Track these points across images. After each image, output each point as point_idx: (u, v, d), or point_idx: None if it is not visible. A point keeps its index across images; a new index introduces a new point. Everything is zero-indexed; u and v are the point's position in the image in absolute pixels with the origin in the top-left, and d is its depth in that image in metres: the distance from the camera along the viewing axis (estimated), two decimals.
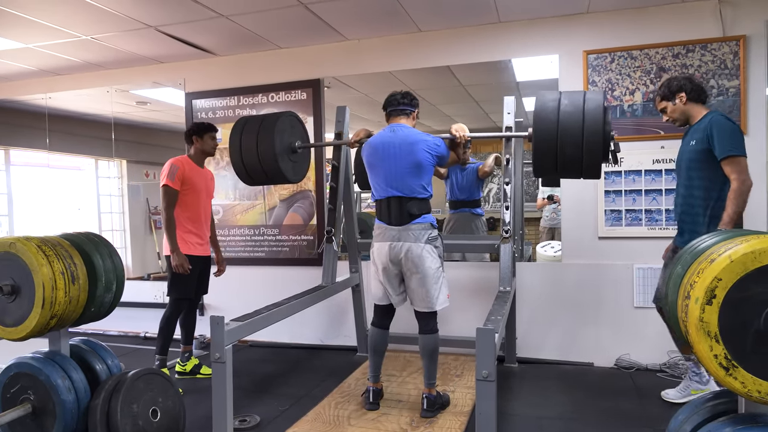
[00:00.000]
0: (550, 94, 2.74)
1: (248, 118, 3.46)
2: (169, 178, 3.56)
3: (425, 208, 2.93)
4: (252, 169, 3.40)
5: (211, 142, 3.76)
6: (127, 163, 5.89)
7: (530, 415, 3.10)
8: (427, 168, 2.92)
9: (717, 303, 1.45)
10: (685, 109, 2.91)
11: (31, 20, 3.82)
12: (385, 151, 2.93)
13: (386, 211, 2.94)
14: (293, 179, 3.52)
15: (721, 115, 2.81)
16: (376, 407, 3.09)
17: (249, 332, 2.72)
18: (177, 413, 2.63)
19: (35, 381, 2.34)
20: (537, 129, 2.69)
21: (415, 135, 2.93)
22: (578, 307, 3.93)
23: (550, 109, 2.67)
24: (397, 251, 2.90)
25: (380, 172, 2.94)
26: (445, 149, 2.99)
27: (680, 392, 3.19)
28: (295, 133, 3.54)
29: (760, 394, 1.44)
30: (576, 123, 2.61)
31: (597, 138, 2.61)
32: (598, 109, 2.62)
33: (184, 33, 4.20)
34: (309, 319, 4.36)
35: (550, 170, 2.74)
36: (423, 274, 2.88)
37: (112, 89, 5.24)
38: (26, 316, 2.27)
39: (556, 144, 2.65)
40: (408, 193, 2.89)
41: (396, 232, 2.90)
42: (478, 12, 3.86)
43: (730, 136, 2.68)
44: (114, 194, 5.93)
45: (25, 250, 2.25)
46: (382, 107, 3.08)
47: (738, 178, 2.65)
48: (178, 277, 3.61)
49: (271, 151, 3.29)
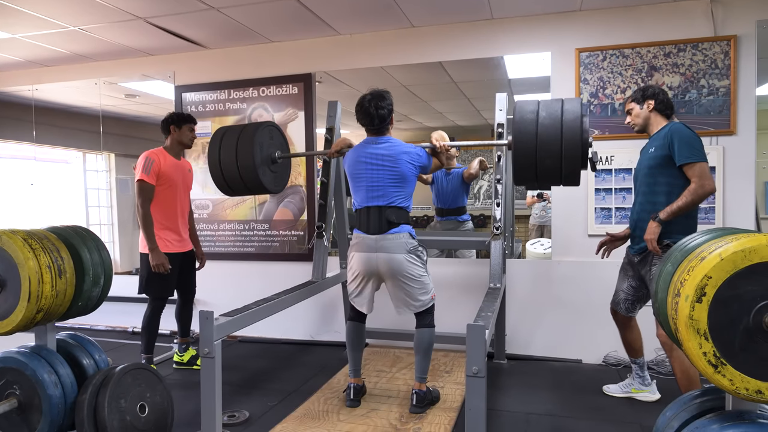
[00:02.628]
0: (528, 105, 2.76)
1: (226, 130, 3.35)
2: (144, 173, 3.44)
3: (403, 217, 2.91)
4: (232, 181, 3.30)
5: (189, 133, 3.68)
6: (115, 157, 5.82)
7: (519, 411, 3.12)
8: (410, 179, 2.93)
9: (707, 301, 1.46)
10: (649, 116, 2.95)
11: (18, 10, 3.76)
12: (367, 161, 2.92)
13: (365, 220, 2.93)
14: (274, 190, 3.45)
15: (681, 124, 2.85)
16: (357, 404, 3.09)
17: (238, 327, 2.71)
18: (165, 408, 2.61)
19: (21, 376, 2.31)
20: (516, 141, 2.71)
21: (398, 146, 2.93)
22: (567, 304, 3.95)
23: (529, 121, 2.69)
24: (374, 263, 2.90)
25: (362, 183, 2.94)
26: (426, 158, 3.00)
27: (621, 388, 3.30)
28: (275, 143, 3.45)
29: (748, 391, 1.45)
30: (554, 133, 2.63)
31: (575, 147, 2.63)
32: (576, 118, 2.64)
33: (174, 25, 4.15)
34: (299, 314, 4.35)
35: (529, 180, 2.78)
36: (407, 280, 2.89)
37: (100, 81, 5.18)
38: (12, 310, 2.24)
39: (535, 155, 2.67)
40: (388, 202, 2.89)
41: (373, 242, 2.89)
42: (470, 8, 3.86)
43: (689, 143, 2.72)
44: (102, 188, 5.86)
45: (11, 244, 2.22)
46: (356, 117, 2.99)
47: (698, 181, 2.68)
48: (155, 275, 3.50)
49: (250, 163, 3.20)
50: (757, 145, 3.64)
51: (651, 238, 2.73)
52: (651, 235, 2.73)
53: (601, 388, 3.38)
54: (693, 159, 2.69)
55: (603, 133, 3.89)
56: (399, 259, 2.86)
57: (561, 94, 3.97)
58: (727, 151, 3.67)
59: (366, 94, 2.94)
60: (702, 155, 2.71)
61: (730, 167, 3.67)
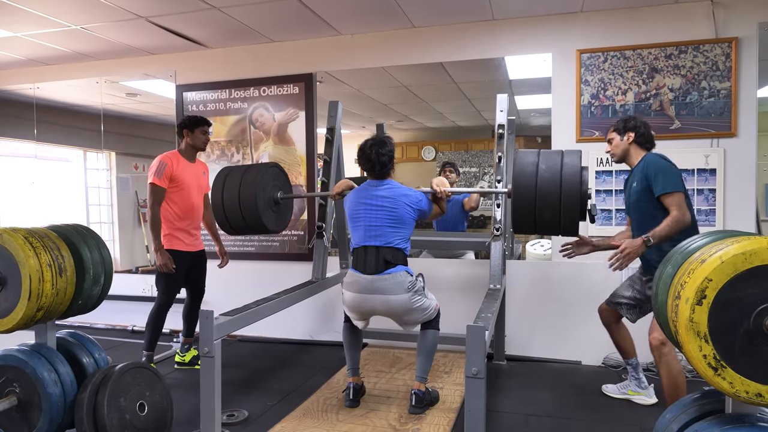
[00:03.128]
0: (528, 156, 2.82)
1: (230, 170, 3.40)
2: (157, 176, 3.52)
3: (400, 258, 2.92)
4: (234, 221, 3.34)
5: (202, 136, 3.72)
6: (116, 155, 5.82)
7: (518, 412, 3.12)
8: (407, 222, 2.95)
9: (707, 303, 1.46)
10: (628, 149, 2.98)
11: (19, 8, 3.76)
12: (367, 202, 2.95)
13: (362, 259, 2.93)
14: (276, 230, 3.48)
15: (657, 155, 2.89)
16: (356, 404, 3.10)
17: (238, 327, 2.71)
18: (164, 407, 2.61)
19: (21, 374, 2.31)
20: (516, 192, 2.77)
21: (398, 190, 2.96)
22: (567, 305, 3.95)
23: (528, 173, 2.75)
24: (370, 305, 2.92)
25: (360, 223, 2.96)
26: (426, 204, 3.03)
27: (619, 389, 3.32)
28: (278, 184, 3.49)
29: (748, 394, 1.45)
30: (554, 186, 2.69)
31: (575, 200, 2.68)
32: (576, 171, 2.69)
33: (175, 24, 4.15)
34: (299, 314, 4.35)
35: (529, 229, 2.84)
36: (409, 314, 2.93)
37: (101, 80, 5.18)
38: (12, 308, 2.24)
39: (534, 206, 2.72)
40: (385, 243, 2.90)
41: (369, 283, 2.88)
42: (472, 9, 3.86)
43: (666, 173, 2.76)
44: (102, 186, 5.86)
45: (12, 242, 2.22)
46: (357, 161, 3.03)
47: (677, 209, 2.72)
48: (165, 274, 3.59)
49: (253, 205, 3.24)
50: (758, 148, 3.64)
51: (630, 253, 2.72)
52: (631, 250, 2.72)
53: (600, 390, 3.38)
54: (669, 189, 2.74)
55: (603, 134, 3.88)
56: (398, 300, 2.87)
57: (562, 95, 3.98)
58: (727, 153, 3.67)
59: (368, 139, 2.99)
60: (679, 185, 2.75)
61: (731, 169, 3.67)
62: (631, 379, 3.27)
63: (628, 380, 3.30)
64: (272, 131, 4.67)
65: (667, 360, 2.60)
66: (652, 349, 2.67)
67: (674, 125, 3.77)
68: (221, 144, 4.81)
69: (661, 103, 3.79)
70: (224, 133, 4.80)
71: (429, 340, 3.00)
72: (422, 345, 3.01)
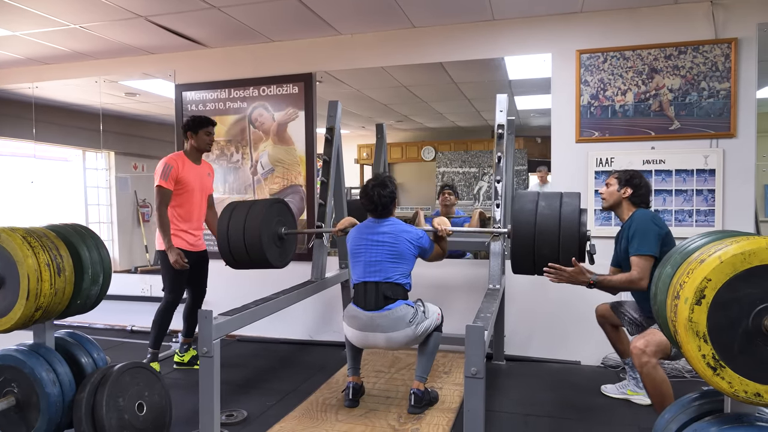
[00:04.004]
0: (528, 196, 2.88)
1: (236, 206, 3.42)
2: (163, 178, 3.55)
3: (400, 293, 2.94)
4: (238, 256, 3.37)
5: (205, 138, 3.72)
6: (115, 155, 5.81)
7: (517, 412, 3.12)
8: (407, 258, 2.98)
9: (706, 303, 1.46)
10: (620, 201, 3.03)
11: (18, 7, 3.76)
12: (369, 238, 2.99)
13: (362, 295, 2.95)
14: (279, 265, 3.51)
15: (645, 213, 2.93)
16: (356, 404, 3.10)
17: (237, 327, 2.71)
18: (163, 407, 2.61)
19: (19, 374, 2.31)
20: (515, 232, 2.81)
21: (400, 226, 3.01)
22: (566, 305, 3.95)
23: (528, 211, 2.80)
24: (371, 341, 2.95)
25: (361, 258, 2.99)
26: (427, 242, 3.07)
27: (618, 389, 3.34)
28: (282, 220, 3.52)
29: (747, 394, 1.44)
30: (552, 227, 2.73)
31: (573, 240, 2.72)
32: (574, 212, 2.74)
33: (175, 24, 4.15)
34: (298, 314, 4.35)
35: (528, 269, 2.87)
36: (417, 340, 2.96)
37: (100, 80, 5.18)
38: (10, 308, 2.23)
39: (533, 245, 2.77)
40: (384, 278, 2.92)
41: (369, 320, 2.90)
42: (472, 9, 3.86)
43: (643, 235, 2.81)
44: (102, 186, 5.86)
45: (10, 241, 2.21)
46: (361, 202, 3.07)
47: (639, 272, 2.79)
48: (169, 272, 3.61)
49: (257, 241, 3.27)
50: (757, 148, 3.64)
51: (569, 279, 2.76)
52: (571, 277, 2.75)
53: (599, 390, 3.38)
54: (640, 252, 2.80)
55: (603, 134, 3.89)
56: (401, 336, 2.88)
57: (561, 95, 3.98)
58: (727, 153, 3.67)
59: (370, 180, 3.05)
60: (651, 248, 2.79)
61: (730, 170, 3.67)
62: (629, 378, 3.28)
63: (627, 380, 3.30)
64: (272, 131, 4.67)
65: (648, 370, 2.61)
66: (633, 358, 2.68)
67: (674, 126, 3.77)
68: (221, 144, 4.81)
69: (660, 103, 3.79)
70: (223, 133, 4.80)
71: (431, 341, 3.01)
72: (424, 346, 3.02)
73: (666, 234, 2.85)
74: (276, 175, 4.64)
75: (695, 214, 3.76)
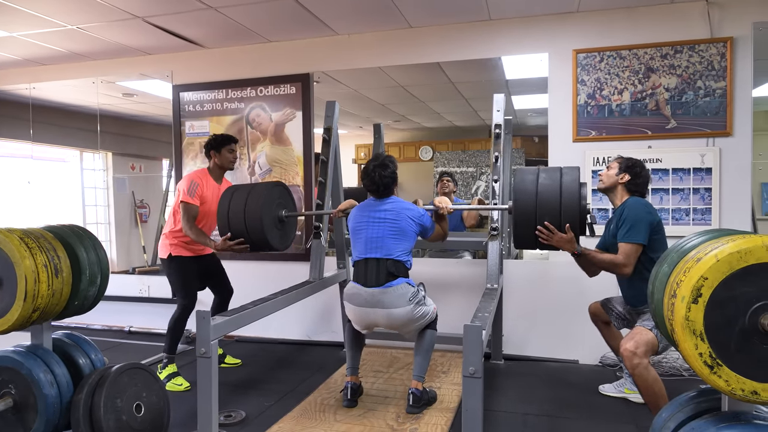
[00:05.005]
0: (529, 169, 2.89)
1: (236, 188, 3.43)
2: (189, 195, 3.54)
3: (402, 270, 2.94)
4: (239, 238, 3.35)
5: (228, 155, 3.72)
6: (112, 156, 5.81)
7: (516, 411, 3.12)
8: (409, 234, 2.98)
9: (703, 302, 1.46)
10: (616, 185, 3.02)
11: (15, 8, 3.75)
12: (370, 216, 3.00)
13: (363, 272, 2.96)
14: (280, 247, 3.50)
15: (637, 200, 2.93)
16: (354, 404, 3.10)
17: (235, 327, 2.71)
18: (161, 408, 2.60)
19: (17, 375, 2.31)
20: (517, 203, 2.83)
21: (401, 204, 3.02)
22: (564, 304, 3.95)
23: (530, 182, 2.82)
24: (372, 318, 2.94)
25: (362, 236, 2.99)
26: (428, 220, 3.07)
27: (615, 387, 3.35)
28: (283, 202, 3.53)
29: (744, 392, 1.45)
30: (554, 198, 2.76)
31: (574, 212, 2.74)
32: (575, 184, 2.76)
33: (172, 24, 4.15)
34: (296, 314, 4.35)
35: (529, 242, 2.87)
36: (411, 323, 2.95)
37: (98, 80, 5.17)
38: (8, 309, 2.23)
39: (535, 217, 2.78)
40: (387, 255, 2.92)
41: (370, 296, 2.90)
42: (468, 9, 3.86)
43: (634, 223, 2.81)
44: (99, 187, 5.85)
45: (7, 242, 2.21)
46: (362, 183, 3.06)
47: (624, 258, 2.80)
48: (178, 279, 3.61)
49: (258, 224, 3.27)
50: (754, 147, 3.65)
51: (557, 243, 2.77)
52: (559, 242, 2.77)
53: (597, 389, 3.39)
54: (629, 239, 2.81)
55: (600, 134, 3.90)
56: (401, 313, 2.88)
57: (558, 95, 3.98)
58: (723, 152, 3.68)
59: (371, 160, 3.04)
60: (640, 236, 2.80)
61: (727, 168, 3.68)
62: (625, 377, 3.29)
63: (623, 378, 3.31)
64: (269, 131, 4.67)
65: (639, 371, 2.62)
66: (624, 360, 2.69)
67: (670, 125, 3.78)
68: None
69: (657, 102, 3.80)
70: None
71: (426, 339, 3.02)
72: (420, 344, 3.02)
73: (657, 222, 2.86)
74: (273, 175, 4.64)
75: (692, 213, 3.77)
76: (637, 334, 2.68)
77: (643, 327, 2.70)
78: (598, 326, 3.32)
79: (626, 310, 3.11)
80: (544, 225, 2.76)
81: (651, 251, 2.82)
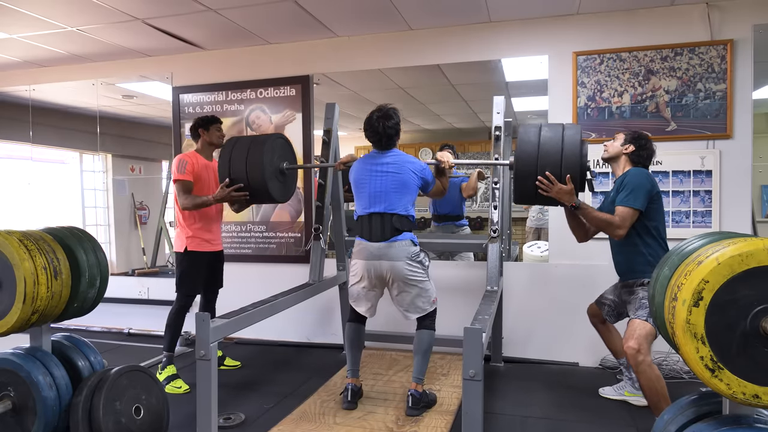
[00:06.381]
0: (532, 125, 2.92)
1: (238, 139, 3.44)
2: (180, 173, 3.53)
3: (407, 224, 2.96)
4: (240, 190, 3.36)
5: (217, 133, 3.73)
6: (112, 158, 5.82)
7: (516, 414, 3.11)
8: (411, 188, 2.98)
9: (704, 305, 1.46)
10: (620, 155, 3.02)
11: (15, 10, 3.75)
12: (372, 169, 2.99)
13: (367, 227, 2.97)
14: (281, 199, 3.52)
15: (639, 170, 2.92)
16: (354, 407, 3.09)
17: (234, 330, 2.70)
18: (160, 411, 2.60)
19: (16, 377, 2.30)
20: (518, 155, 2.85)
21: (404, 157, 3.02)
22: (564, 307, 3.95)
23: (532, 134, 2.85)
24: (378, 270, 2.95)
25: (365, 190, 2.99)
26: (430, 175, 3.07)
27: (615, 390, 3.35)
28: (284, 155, 3.53)
29: (745, 395, 1.45)
30: (554, 152, 2.79)
31: (575, 166, 2.78)
32: (576, 141, 2.79)
33: (172, 26, 4.15)
34: (296, 316, 4.34)
35: (530, 196, 2.90)
36: (407, 287, 2.94)
37: (97, 82, 5.17)
38: (7, 311, 2.22)
39: (536, 170, 2.81)
40: (390, 209, 2.93)
41: (376, 250, 2.93)
42: (468, 11, 3.86)
43: (633, 191, 2.81)
44: (99, 189, 5.85)
45: (7, 245, 2.21)
46: (364, 133, 3.04)
47: (620, 220, 2.80)
48: (184, 273, 3.60)
49: (259, 171, 3.27)
50: (754, 149, 3.65)
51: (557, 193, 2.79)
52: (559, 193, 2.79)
53: (597, 391, 3.39)
54: (627, 204, 2.80)
55: (600, 136, 3.89)
56: (400, 266, 2.91)
57: (558, 97, 3.98)
58: (723, 154, 3.68)
59: (374, 111, 3.00)
60: (638, 202, 2.80)
61: (727, 171, 3.68)
62: (625, 380, 3.28)
63: (623, 381, 3.31)
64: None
65: (643, 368, 2.65)
66: (627, 358, 2.72)
67: (670, 127, 3.78)
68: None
69: (657, 105, 3.80)
70: None
71: (425, 340, 3.01)
72: (418, 346, 3.02)
73: (656, 193, 2.86)
74: None
75: (692, 215, 3.77)
76: (636, 330, 2.70)
77: (638, 319, 2.74)
78: (597, 328, 3.31)
79: (616, 295, 3.10)
80: (545, 175, 2.78)
81: (646, 219, 2.84)
